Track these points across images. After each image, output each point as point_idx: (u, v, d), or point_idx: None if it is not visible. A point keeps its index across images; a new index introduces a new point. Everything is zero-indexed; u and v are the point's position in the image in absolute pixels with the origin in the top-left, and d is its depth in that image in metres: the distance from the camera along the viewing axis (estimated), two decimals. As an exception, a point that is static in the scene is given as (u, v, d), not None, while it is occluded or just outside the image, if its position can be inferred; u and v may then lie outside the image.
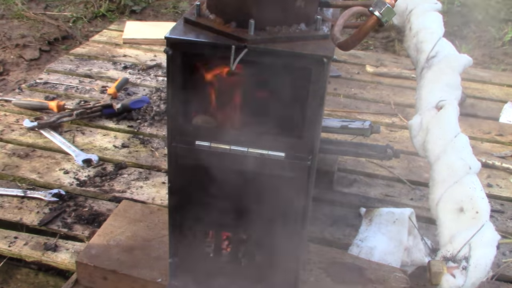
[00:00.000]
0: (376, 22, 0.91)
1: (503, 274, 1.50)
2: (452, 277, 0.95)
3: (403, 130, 2.23)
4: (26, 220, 1.61)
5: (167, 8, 3.83)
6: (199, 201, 1.18)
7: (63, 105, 2.15)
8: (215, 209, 1.19)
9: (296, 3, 0.99)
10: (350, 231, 1.63)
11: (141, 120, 2.19)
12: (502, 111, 2.44)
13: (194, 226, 1.21)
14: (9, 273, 1.52)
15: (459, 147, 1.05)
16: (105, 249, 1.37)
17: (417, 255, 1.47)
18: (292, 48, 0.97)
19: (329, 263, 1.36)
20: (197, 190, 1.16)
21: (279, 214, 1.15)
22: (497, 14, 3.60)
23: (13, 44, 3.12)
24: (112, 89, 2.30)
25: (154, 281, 1.28)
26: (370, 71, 2.75)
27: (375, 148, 1.57)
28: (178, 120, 1.07)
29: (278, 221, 1.18)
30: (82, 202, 1.70)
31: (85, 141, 2.04)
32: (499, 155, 2.07)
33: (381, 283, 1.30)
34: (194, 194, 1.16)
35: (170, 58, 1.00)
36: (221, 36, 0.99)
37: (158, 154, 1.99)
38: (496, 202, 1.81)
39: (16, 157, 1.92)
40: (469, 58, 1.21)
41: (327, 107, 2.36)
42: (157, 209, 1.55)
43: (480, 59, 3.39)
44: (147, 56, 2.83)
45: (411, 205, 1.72)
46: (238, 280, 1.26)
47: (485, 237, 0.97)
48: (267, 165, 1.08)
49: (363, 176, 1.91)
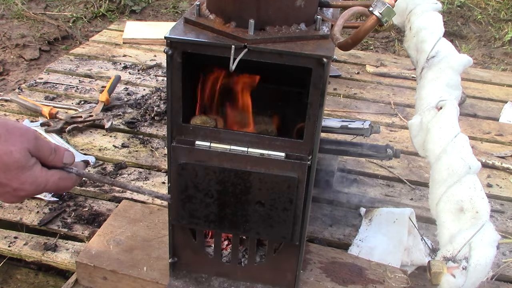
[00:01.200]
0: (376, 22, 0.91)
1: (503, 274, 1.50)
2: (452, 277, 0.95)
3: (403, 130, 2.23)
4: (26, 220, 1.61)
5: (167, 8, 3.83)
6: (199, 200, 1.18)
7: (55, 113, 2.13)
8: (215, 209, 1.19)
9: (296, 3, 0.99)
10: (350, 231, 1.63)
11: (141, 120, 2.20)
12: (502, 111, 2.44)
13: (194, 226, 1.21)
14: (9, 273, 1.52)
15: (459, 147, 1.05)
16: (105, 249, 1.37)
17: (417, 255, 1.47)
18: (292, 48, 0.97)
19: (329, 263, 1.36)
20: (197, 190, 1.16)
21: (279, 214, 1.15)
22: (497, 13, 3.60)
23: (13, 44, 3.12)
24: (104, 95, 2.26)
25: (154, 281, 1.28)
26: (370, 71, 2.75)
27: (375, 148, 1.57)
28: (178, 120, 1.07)
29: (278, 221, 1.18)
30: (82, 202, 1.70)
31: (85, 141, 2.04)
32: (499, 155, 2.07)
33: (381, 283, 1.30)
34: (194, 194, 1.16)
35: (170, 58, 1.00)
36: (221, 36, 0.99)
37: (158, 154, 1.99)
38: (496, 202, 1.81)
39: (16, 157, 1.92)
40: (469, 58, 1.21)
41: (327, 107, 2.36)
42: (157, 209, 1.55)
43: (480, 59, 3.39)
44: (147, 56, 2.83)
45: (411, 205, 1.72)
46: (238, 280, 1.26)
47: (485, 237, 0.96)
48: (267, 165, 1.08)
49: (363, 176, 1.91)
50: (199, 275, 1.27)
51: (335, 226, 1.65)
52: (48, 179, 0.92)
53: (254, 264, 1.23)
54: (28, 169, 0.88)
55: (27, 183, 0.89)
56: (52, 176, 0.93)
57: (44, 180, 0.92)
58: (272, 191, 1.09)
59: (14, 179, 0.88)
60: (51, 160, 0.93)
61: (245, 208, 1.18)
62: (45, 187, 0.92)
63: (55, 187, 0.94)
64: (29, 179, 0.89)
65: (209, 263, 1.25)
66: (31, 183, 0.90)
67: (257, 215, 1.13)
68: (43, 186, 0.92)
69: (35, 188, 0.91)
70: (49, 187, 0.93)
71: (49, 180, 0.92)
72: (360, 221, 1.65)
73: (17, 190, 0.89)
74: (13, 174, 0.87)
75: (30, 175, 0.89)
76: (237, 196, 1.11)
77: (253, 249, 1.21)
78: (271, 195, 1.10)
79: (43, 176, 0.92)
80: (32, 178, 0.89)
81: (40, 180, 0.91)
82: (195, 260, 1.25)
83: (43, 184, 0.92)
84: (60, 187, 0.95)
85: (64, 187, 0.96)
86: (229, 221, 1.14)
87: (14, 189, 0.89)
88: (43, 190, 0.93)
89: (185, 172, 1.09)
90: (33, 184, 0.90)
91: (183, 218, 1.17)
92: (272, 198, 1.10)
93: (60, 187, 0.95)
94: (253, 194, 1.10)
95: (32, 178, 0.90)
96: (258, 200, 1.11)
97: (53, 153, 0.94)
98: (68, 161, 0.97)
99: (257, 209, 1.12)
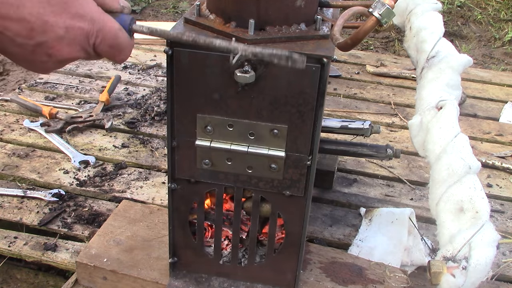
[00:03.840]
0: (376, 23, 0.91)
1: (503, 274, 1.50)
2: (452, 277, 0.95)
3: (403, 130, 2.23)
4: (26, 220, 1.61)
5: (167, 8, 3.83)
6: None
7: (55, 113, 2.13)
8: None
9: (296, 3, 0.99)
10: (350, 231, 1.63)
11: (141, 120, 2.20)
12: (502, 111, 2.44)
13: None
14: (9, 273, 1.52)
15: (459, 147, 1.05)
16: (105, 249, 1.37)
17: (417, 255, 1.47)
18: (292, 48, 0.97)
19: (329, 263, 1.36)
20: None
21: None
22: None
23: (13, 44, 3.11)
24: (104, 94, 2.26)
25: (154, 281, 1.28)
26: (370, 71, 2.75)
27: (375, 148, 1.57)
28: (178, 120, 1.07)
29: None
30: (82, 202, 1.70)
31: (85, 141, 2.04)
32: (499, 155, 2.07)
33: (381, 283, 1.30)
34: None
35: (170, 58, 1.00)
36: (221, 36, 0.99)
37: (158, 154, 1.99)
38: (496, 202, 1.81)
39: (16, 157, 1.92)
40: (469, 58, 1.21)
41: (327, 107, 2.36)
42: (157, 209, 1.55)
43: (480, 59, 3.39)
44: (147, 56, 2.83)
45: (411, 205, 1.72)
46: (238, 280, 1.26)
47: (485, 237, 0.96)
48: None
49: (363, 176, 1.91)
50: (199, 275, 1.27)
51: (335, 226, 1.65)
52: (105, 22, 0.69)
53: (254, 264, 1.23)
54: (79, 0, 0.66)
55: (78, 16, 0.65)
56: (110, 21, 0.70)
57: (101, 21, 0.68)
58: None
59: (63, 11, 0.64)
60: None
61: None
62: (101, 30, 0.68)
63: (112, 40, 0.70)
64: (81, 11, 0.65)
65: (209, 263, 1.25)
66: (83, 17, 0.66)
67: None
68: (98, 28, 0.68)
69: (88, 26, 0.66)
70: (105, 34, 0.69)
71: (106, 23, 0.69)
72: (360, 221, 1.65)
73: (69, 29, 0.65)
74: (61, 5, 0.64)
75: (82, 7, 0.66)
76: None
77: (253, 249, 1.21)
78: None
79: (100, 16, 0.68)
80: (84, 10, 0.66)
81: (96, 17, 0.67)
82: (195, 260, 1.26)
83: (100, 24, 0.68)
84: (119, 43, 0.72)
85: (123, 46, 0.72)
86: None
87: (66, 28, 0.65)
88: (98, 38, 0.68)
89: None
90: (86, 20, 0.66)
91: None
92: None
93: (119, 42, 0.72)
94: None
95: (84, 10, 0.66)
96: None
97: None
98: (126, 5, 0.75)
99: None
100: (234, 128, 1.05)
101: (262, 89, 1.00)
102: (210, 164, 1.10)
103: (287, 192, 1.10)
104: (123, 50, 0.74)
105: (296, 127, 1.03)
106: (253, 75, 0.96)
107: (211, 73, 1.00)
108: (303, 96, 0.99)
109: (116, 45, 0.72)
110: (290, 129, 1.03)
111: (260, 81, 0.99)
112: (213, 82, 1.01)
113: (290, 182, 1.09)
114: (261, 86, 0.99)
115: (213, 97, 1.03)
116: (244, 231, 1.23)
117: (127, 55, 0.76)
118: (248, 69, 0.96)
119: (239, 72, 0.96)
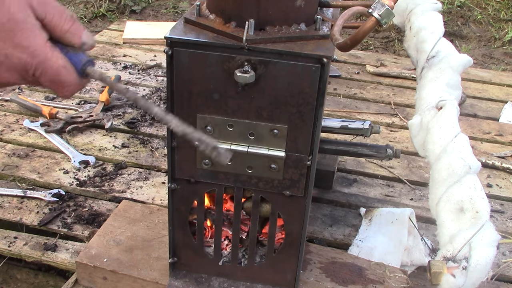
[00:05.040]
0: (375, 24, 0.91)
1: (503, 274, 1.50)
2: (452, 277, 0.95)
3: (403, 130, 2.23)
4: (26, 220, 1.61)
5: (167, 8, 3.83)
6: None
7: (55, 113, 2.13)
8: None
9: (296, 3, 0.99)
10: (350, 231, 1.63)
11: (141, 120, 2.20)
12: (502, 111, 2.44)
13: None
14: (9, 273, 1.52)
15: (459, 147, 1.05)
16: (105, 249, 1.37)
17: (417, 255, 1.47)
18: (292, 48, 0.97)
19: (329, 263, 1.36)
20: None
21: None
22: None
23: (13, 44, 3.11)
24: (104, 94, 2.26)
25: (154, 281, 1.28)
26: (370, 71, 2.75)
27: (375, 148, 1.57)
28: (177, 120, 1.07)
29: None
30: (82, 202, 1.70)
31: (85, 141, 2.04)
32: (499, 155, 2.07)
33: (381, 283, 1.30)
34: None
35: (170, 58, 1.00)
36: (221, 36, 1.00)
37: (158, 154, 1.99)
38: (496, 202, 1.81)
39: (16, 157, 1.92)
40: (469, 58, 1.21)
41: (327, 107, 2.36)
42: (157, 209, 1.55)
43: (480, 59, 3.39)
44: (147, 56, 2.83)
45: (411, 205, 1.72)
46: (238, 280, 1.26)
47: (485, 237, 0.96)
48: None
49: (363, 176, 1.91)
50: (199, 275, 1.27)
51: (335, 226, 1.65)
52: (48, 57, 0.69)
53: (254, 264, 1.23)
54: (25, 30, 0.68)
55: (20, 46, 0.67)
56: (55, 57, 0.70)
57: (43, 55, 0.69)
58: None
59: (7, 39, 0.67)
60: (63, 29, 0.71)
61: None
62: (41, 64, 0.69)
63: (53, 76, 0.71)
64: (24, 42, 0.67)
65: (209, 263, 1.25)
66: (25, 48, 0.68)
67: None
68: (38, 61, 0.69)
69: (27, 58, 0.68)
70: (46, 68, 0.70)
71: (49, 58, 0.70)
72: (360, 221, 1.65)
73: (8, 56, 0.68)
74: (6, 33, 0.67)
75: (26, 38, 0.67)
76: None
77: (253, 249, 1.21)
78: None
79: (44, 50, 0.69)
80: (27, 41, 0.68)
81: (39, 51, 0.69)
82: (195, 260, 1.26)
83: (40, 58, 0.69)
84: (62, 80, 0.72)
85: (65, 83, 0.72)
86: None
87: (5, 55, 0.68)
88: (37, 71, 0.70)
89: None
90: (26, 52, 0.68)
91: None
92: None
93: (61, 79, 0.72)
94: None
95: (28, 42, 0.68)
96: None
97: (69, 20, 0.72)
98: (88, 41, 0.75)
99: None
100: (234, 128, 1.05)
101: (262, 89, 1.00)
102: (210, 164, 1.10)
103: (287, 192, 1.10)
104: (66, 87, 0.73)
105: (296, 127, 1.03)
106: (253, 75, 0.97)
107: (211, 73, 1.00)
108: (303, 96, 1.00)
109: (58, 81, 0.72)
110: (290, 129, 1.03)
111: (260, 81, 0.99)
112: (213, 82, 1.01)
113: (290, 182, 1.09)
114: (261, 86, 1.00)
115: (213, 97, 1.03)
116: (244, 231, 1.23)
117: (72, 92, 0.75)
118: (248, 69, 0.97)
119: (239, 72, 0.96)
